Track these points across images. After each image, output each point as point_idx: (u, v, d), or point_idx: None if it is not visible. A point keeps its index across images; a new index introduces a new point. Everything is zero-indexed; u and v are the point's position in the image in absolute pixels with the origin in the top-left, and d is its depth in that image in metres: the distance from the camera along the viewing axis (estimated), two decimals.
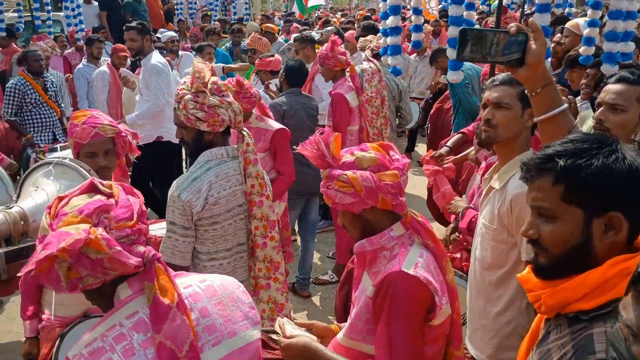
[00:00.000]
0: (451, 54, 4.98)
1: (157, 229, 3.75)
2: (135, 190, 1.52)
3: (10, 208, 1.91)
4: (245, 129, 2.71)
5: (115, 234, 1.37)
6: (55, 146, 6.06)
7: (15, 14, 11.10)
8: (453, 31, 5.03)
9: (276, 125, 4.04)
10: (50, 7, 11.34)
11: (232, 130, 2.73)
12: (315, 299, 4.82)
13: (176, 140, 5.55)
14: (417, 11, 6.42)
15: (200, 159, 2.62)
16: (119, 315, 1.40)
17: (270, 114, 4.19)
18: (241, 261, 2.75)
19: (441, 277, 1.91)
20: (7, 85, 6.13)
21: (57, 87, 6.63)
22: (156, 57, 5.44)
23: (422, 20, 6.72)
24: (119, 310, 1.40)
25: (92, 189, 1.47)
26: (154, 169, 5.73)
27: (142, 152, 5.40)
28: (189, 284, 1.53)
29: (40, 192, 2.04)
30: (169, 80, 5.46)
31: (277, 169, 4.02)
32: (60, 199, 1.44)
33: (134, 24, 5.45)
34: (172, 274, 1.47)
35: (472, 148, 4.03)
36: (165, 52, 7.07)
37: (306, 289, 4.85)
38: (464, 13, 5.05)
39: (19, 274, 1.31)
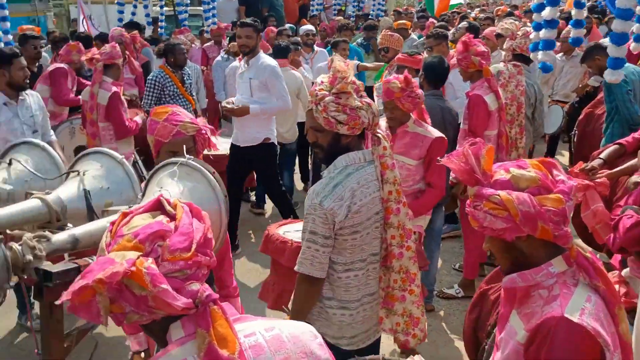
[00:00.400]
0: (613, 51, 4.42)
1: (293, 230, 3.65)
2: (203, 213, 1.32)
3: (132, 208, 1.84)
4: (380, 131, 2.50)
5: (167, 266, 1.18)
6: None
7: (158, 8, 11.71)
8: (618, 25, 4.44)
9: (436, 133, 3.75)
10: (188, 1, 11.86)
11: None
12: (439, 315, 4.52)
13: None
14: (579, 4, 5.79)
15: (337, 163, 2.45)
16: None
17: (429, 119, 3.91)
18: (374, 272, 2.58)
19: (613, 327, 1.57)
20: (148, 78, 6.41)
21: (194, 80, 6.84)
22: (269, 58, 5.43)
23: (584, 15, 6.11)
24: (166, 355, 1.20)
25: (157, 207, 1.30)
26: (261, 171, 5.65)
27: (249, 153, 5.49)
28: (251, 331, 1.28)
29: (163, 192, 1.96)
30: None
31: (429, 180, 3.75)
32: (124, 215, 1.29)
33: (248, 20, 5.41)
34: (231, 319, 1.25)
35: (633, 162, 3.55)
36: (300, 46, 7.03)
37: (429, 302, 4.55)
38: (638, 8, 4.42)
39: (66, 298, 1.14)
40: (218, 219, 1.98)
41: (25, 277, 1.61)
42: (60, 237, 1.71)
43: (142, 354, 2.58)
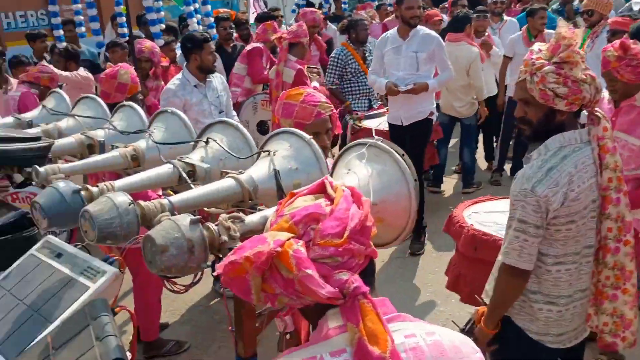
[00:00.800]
0: None
1: (482, 211, 3.41)
2: (364, 199, 1.22)
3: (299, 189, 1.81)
4: (599, 109, 2.19)
5: (317, 251, 1.11)
6: (371, 113, 6.27)
7: None
8: None
9: None
10: None
11: None
12: None
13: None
14: None
15: (550, 144, 2.20)
16: (323, 347, 1.13)
17: None
18: (587, 266, 2.31)
19: None
20: (330, 55, 6.49)
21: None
22: (426, 28, 5.18)
23: None
24: (324, 342, 1.14)
25: (321, 189, 1.24)
26: (416, 147, 5.22)
27: (412, 129, 5.18)
28: (411, 332, 1.17)
29: (351, 175, 1.90)
30: None
31: None
32: (291, 195, 1.25)
33: None
34: (386, 316, 1.15)
35: None
36: (486, 15, 6.60)
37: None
38: None
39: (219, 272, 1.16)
40: (408, 204, 1.87)
41: (221, 256, 1.65)
42: (253, 218, 1.72)
43: (288, 336, 2.59)
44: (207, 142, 2.43)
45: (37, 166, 2.38)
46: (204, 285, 4.70)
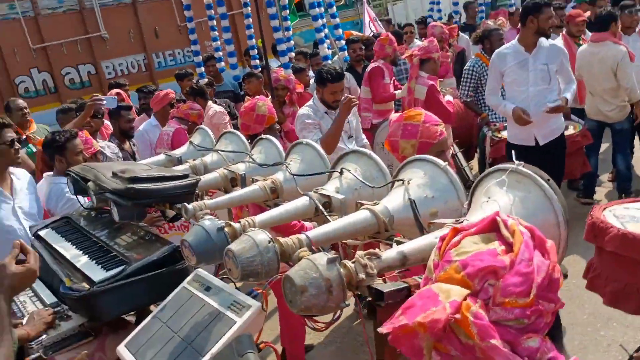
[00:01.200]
0: None
1: (622, 207, 3.10)
2: (549, 245, 1.06)
3: (460, 222, 1.72)
4: None
5: (499, 313, 0.99)
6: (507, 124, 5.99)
7: None
8: None
9: None
10: None
11: None
12: None
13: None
14: None
15: None
16: None
17: None
18: None
19: None
20: (465, 68, 6.31)
21: None
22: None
23: None
24: None
25: (492, 228, 1.13)
26: (558, 166, 4.88)
27: (549, 148, 4.77)
28: None
29: (492, 203, 1.78)
30: None
31: None
32: (454, 231, 1.15)
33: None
34: None
35: None
36: (638, 9, 6.07)
37: None
38: None
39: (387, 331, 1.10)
40: (557, 232, 1.73)
41: (359, 293, 1.64)
42: (389, 254, 1.68)
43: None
44: (341, 173, 2.44)
45: (185, 203, 2.53)
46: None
